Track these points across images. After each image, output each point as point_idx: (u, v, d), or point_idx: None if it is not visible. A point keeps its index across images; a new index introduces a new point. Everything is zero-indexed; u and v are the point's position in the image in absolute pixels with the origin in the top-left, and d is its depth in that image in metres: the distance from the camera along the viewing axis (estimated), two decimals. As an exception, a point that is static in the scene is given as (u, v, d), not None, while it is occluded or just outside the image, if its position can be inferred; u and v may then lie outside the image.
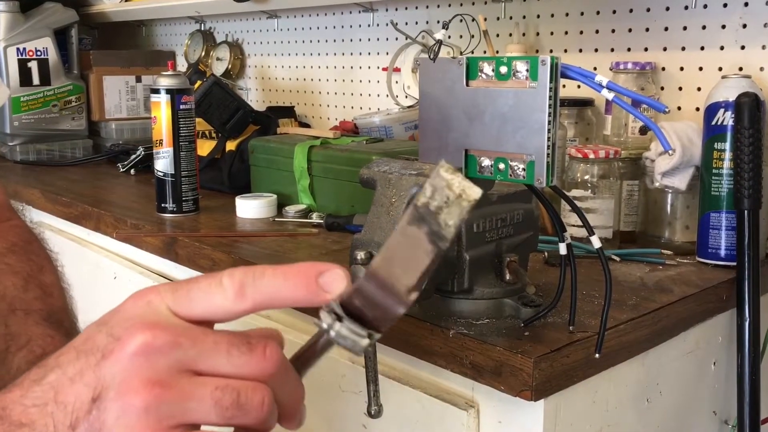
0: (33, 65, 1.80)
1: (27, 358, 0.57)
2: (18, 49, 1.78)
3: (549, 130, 0.61)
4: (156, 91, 1.20)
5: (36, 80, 1.81)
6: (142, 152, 1.63)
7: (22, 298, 0.62)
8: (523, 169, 0.64)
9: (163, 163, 1.21)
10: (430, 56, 0.67)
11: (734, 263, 0.88)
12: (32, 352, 0.57)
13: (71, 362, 0.36)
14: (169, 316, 0.36)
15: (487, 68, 0.65)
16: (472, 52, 1.29)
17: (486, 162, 0.66)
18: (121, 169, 1.66)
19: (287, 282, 0.37)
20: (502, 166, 0.65)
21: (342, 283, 0.37)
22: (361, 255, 0.66)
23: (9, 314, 0.60)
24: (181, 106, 1.20)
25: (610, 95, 0.60)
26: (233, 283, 0.36)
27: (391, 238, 0.38)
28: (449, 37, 1.20)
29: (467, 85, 0.66)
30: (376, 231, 0.67)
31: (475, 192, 0.36)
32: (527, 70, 0.62)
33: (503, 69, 0.63)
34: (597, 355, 0.67)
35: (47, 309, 0.62)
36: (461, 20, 1.26)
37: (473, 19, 1.26)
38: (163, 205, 1.22)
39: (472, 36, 1.30)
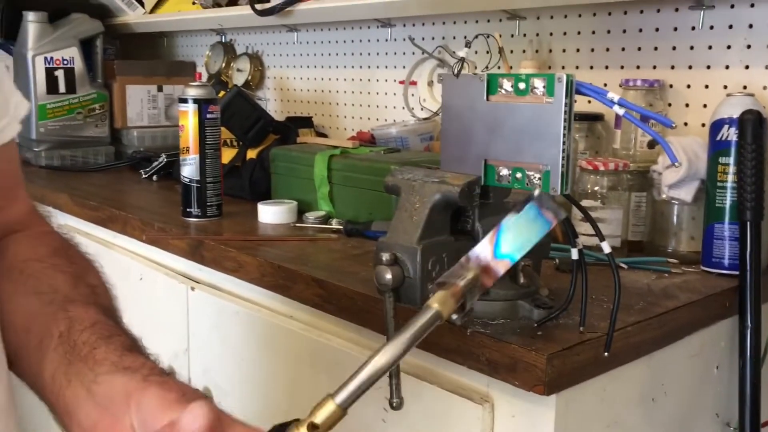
0: (60, 74, 1.86)
1: (96, 335, 0.56)
2: (46, 58, 1.84)
3: (564, 142, 0.66)
4: (184, 101, 1.25)
5: (62, 88, 1.87)
6: (165, 159, 1.68)
7: (75, 294, 0.63)
8: (539, 179, 0.68)
9: (189, 170, 1.26)
10: (453, 73, 0.72)
11: (737, 272, 0.92)
12: (100, 332, 0.57)
13: None
14: None
15: (507, 84, 0.70)
16: (487, 67, 1.34)
17: (504, 171, 0.71)
18: (144, 175, 1.71)
19: None
20: (519, 175, 0.70)
21: None
22: (386, 256, 0.71)
23: (68, 303, 0.61)
24: (208, 116, 1.26)
25: (621, 111, 0.65)
26: None
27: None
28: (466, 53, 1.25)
29: (488, 99, 0.71)
30: (400, 234, 0.72)
31: None
32: (544, 87, 0.67)
33: (522, 85, 0.68)
34: (606, 354, 0.71)
35: (101, 305, 0.63)
36: (476, 37, 1.31)
37: (487, 36, 1.32)
38: (188, 209, 1.27)
39: (487, 52, 1.35)
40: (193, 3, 1.89)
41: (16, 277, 0.64)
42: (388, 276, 0.70)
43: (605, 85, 1.26)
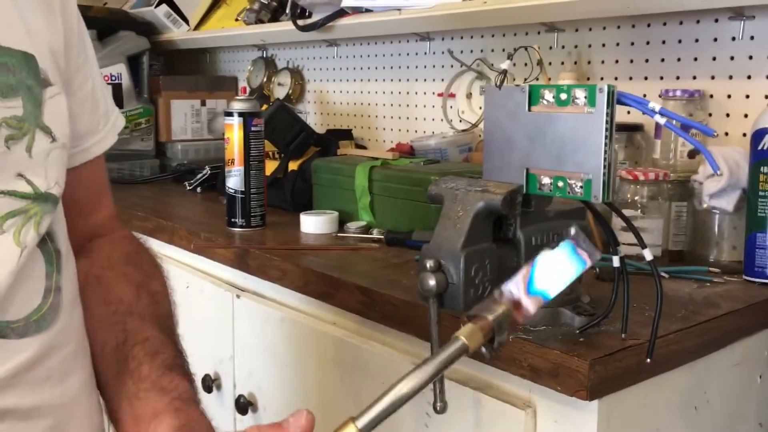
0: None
1: (145, 351, 0.64)
2: (95, 74, 1.90)
3: (605, 151, 0.67)
4: (229, 114, 1.29)
5: (110, 103, 1.92)
6: (209, 171, 1.73)
7: (137, 304, 0.70)
8: (581, 187, 0.70)
9: (234, 181, 1.30)
10: (495, 84, 0.74)
11: (780, 281, 0.92)
12: (148, 348, 0.65)
13: None
14: None
15: (548, 95, 0.71)
16: (525, 80, 1.35)
17: (546, 180, 0.73)
18: (188, 187, 1.76)
19: None
20: (561, 183, 0.71)
21: None
22: (430, 263, 0.73)
23: (127, 315, 0.68)
24: (253, 128, 1.29)
25: (663, 120, 0.66)
26: None
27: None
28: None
29: (529, 110, 0.73)
30: (444, 242, 0.74)
31: None
32: (585, 97, 0.68)
33: (563, 96, 0.70)
34: (648, 360, 0.72)
35: (157, 316, 0.70)
36: (516, 50, 1.33)
37: (526, 49, 1.33)
38: (233, 219, 1.31)
39: (526, 64, 1.36)
40: (236, 20, 1.94)
41: (94, 286, 0.71)
42: (432, 282, 0.72)
43: (645, 96, 1.27)
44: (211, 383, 1.23)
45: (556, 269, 0.48)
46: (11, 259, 0.56)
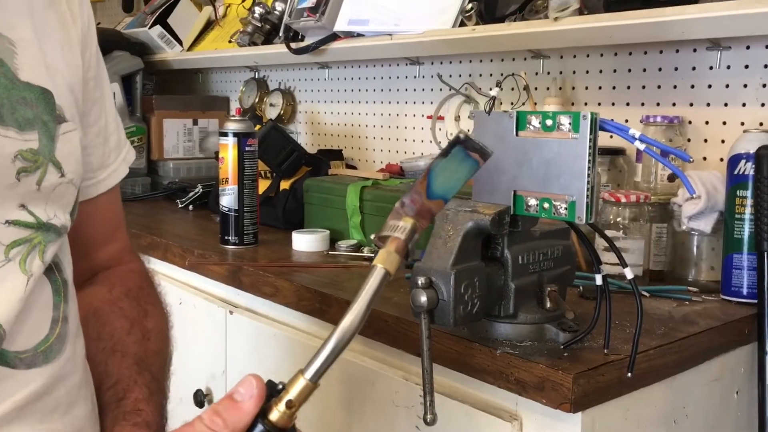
0: (102, 108, 1.94)
1: (113, 397, 0.66)
2: (89, 93, 1.92)
3: (589, 174, 0.71)
4: (224, 134, 1.33)
5: (104, 122, 1.95)
6: (201, 189, 1.76)
7: (125, 340, 0.71)
8: (565, 208, 0.74)
9: (228, 199, 1.33)
10: (484, 110, 0.78)
11: (755, 300, 0.96)
12: (117, 393, 0.66)
13: None
14: None
15: (535, 121, 0.75)
16: (512, 105, 1.40)
17: (532, 201, 0.76)
18: (180, 205, 1.78)
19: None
20: (546, 205, 0.75)
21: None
22: (421, 280, 0.76)
23: (110, 354, 0.69)
24: (247, 148, 1.32)
25: (642, 146, 0.70)
26: None
27: None
28: (491, 89, 1.31)
29: (517, 135, 0.77)
30: (435, 260, 0.77)
31: None
32: (570, 124, 0.72)
33: (549, 122, 0.74)
34: (629, 375, 0.75)
35: (141, 353, 0.70)
36: (505, 77, 1.37)
37: (512, 75, 1.38)
38: (226, 237, 1.33)
39: (512, 89, 1.41)
40: (229, 41, 1.97)
41: (91, 319, 0.72)
42: (423, 298, 0.75)
43: (626, 121, 1.31)
44: (203, 398, 1.25)
45: (451, 174, 0.51)
46: (18, 287, 0.57)
